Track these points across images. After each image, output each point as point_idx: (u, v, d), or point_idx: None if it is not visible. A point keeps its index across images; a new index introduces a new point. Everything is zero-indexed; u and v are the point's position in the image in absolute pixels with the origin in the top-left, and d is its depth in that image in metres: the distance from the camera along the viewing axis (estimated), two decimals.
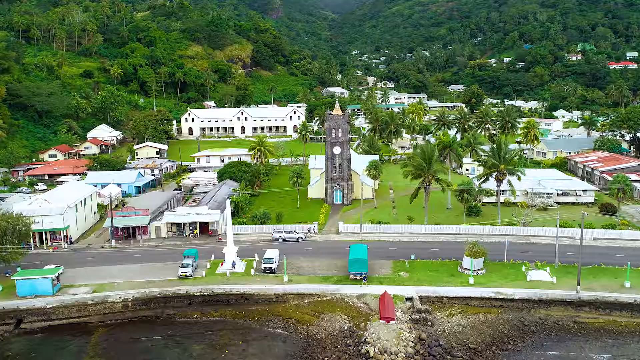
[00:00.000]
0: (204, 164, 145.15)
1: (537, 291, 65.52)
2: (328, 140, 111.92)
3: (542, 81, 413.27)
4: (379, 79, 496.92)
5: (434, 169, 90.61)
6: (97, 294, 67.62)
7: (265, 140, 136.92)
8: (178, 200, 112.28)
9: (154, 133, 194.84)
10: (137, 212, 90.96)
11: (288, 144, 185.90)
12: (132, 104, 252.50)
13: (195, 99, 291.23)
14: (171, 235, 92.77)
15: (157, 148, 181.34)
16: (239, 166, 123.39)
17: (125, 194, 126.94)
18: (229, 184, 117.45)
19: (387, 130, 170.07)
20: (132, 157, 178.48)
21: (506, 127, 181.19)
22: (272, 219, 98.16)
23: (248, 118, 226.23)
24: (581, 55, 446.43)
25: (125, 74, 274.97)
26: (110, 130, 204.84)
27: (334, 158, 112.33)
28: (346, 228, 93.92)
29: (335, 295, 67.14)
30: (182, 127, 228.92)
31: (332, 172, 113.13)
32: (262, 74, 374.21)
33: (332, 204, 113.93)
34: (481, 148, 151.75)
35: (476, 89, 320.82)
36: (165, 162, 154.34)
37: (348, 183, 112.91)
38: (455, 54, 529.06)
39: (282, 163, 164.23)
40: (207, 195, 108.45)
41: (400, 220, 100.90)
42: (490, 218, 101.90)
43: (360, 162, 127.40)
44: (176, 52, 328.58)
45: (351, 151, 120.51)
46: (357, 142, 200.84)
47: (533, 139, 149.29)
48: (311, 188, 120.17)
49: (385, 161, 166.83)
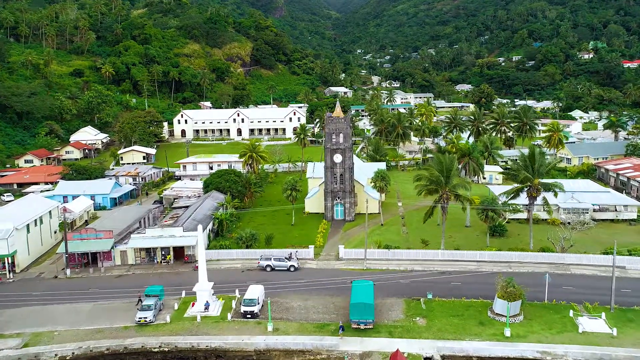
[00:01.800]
0: (191, 171, 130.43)
1: (595, 350, 50.33)
2: (327, 146, 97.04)
3: (554, 80, 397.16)
4: (384, 79, 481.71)
5: (453, 183, 75.50)
6: (27, 349, 53.00)
7: (258, 146, 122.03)
8: (155, 216, 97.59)
9: (142, 136, 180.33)
10: (98, 234, 76.26)
11: (287, 147, 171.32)
12: (124, 104, 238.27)
13: (191, 99, 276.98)
14: (140, 262, 78.00)
15: (144, 153, 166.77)
16: (227, 175, 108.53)
17: (98, 207, 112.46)
18: (215, 196, 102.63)
19: (394, 133, 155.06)
20: (116, 163, 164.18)
21: (523, 130, 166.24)
22: (261, 240, 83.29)
23: (245, 119, 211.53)
24: (593, 53, 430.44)
25: (118, 73, 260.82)
26: (96, 133, 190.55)
27: (335, 167, 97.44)
28: (348, 254, 78.91)
29: (332, 353, 52.26)
30: (175, 129, 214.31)
31: (332, 183, 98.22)
32: (263, 73, 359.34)
33: (332, 220, 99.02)
34: (498, 153, 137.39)
35: (486, 88, 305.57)
36: (148, 169, 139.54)
37: (351, 196, 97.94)
38: (462, 52, 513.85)
39: (278, 170, 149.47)
40: (187, 210, 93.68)
41: (412, 240, 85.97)
42: (517, 238, 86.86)
43: (364, 171, 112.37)
44: (172, 51, 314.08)
45: (354, 157, 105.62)
46: (361, 146, 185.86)
47: (557, 144, 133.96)
48: (308, 201, 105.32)
49: (392, 167, 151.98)
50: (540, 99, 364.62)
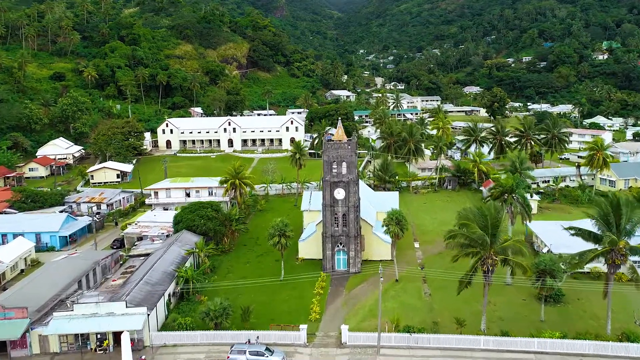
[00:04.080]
0: (164, 199, 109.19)
1: None
2: (326, 179, 75.73)
3: (568, 82, 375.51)
4: (388, 80, 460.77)
5: (501, 244, 54.12)
6: None
7: (242, 170, 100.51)
8: (107, 268, 76.35)
9: (118, 150, 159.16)
10: (7, 313, 55.07)
11: (283, 161, 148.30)
12: (105, 111, 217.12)
13: (181, 105, 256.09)
14: (67, 349, 56.81)
15: (118, 170, 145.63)
16: (203, 210, 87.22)
17: (45, 248, 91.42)
18: (185, 240, 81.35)
19: (405, 148, 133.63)
20: (85, 183, 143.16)
21: (553, 144, 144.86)
22: (235, 314, 61.91)
23: (236, 129, 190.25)
24: (608, 54, 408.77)
25: (102, 76, 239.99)
26: (68, 146, 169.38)
27: (336, 205, 76.18)
28: (354, 338, 57.43)
29: None
30: (159, 139, 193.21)
31: (332, 225, 76.93)
32: (260, 76, 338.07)
33: (332, 271, 77.78)
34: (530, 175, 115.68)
35: (499, 92, 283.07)
36: (116, 193, 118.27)
37: (356, 242, 76.62)
38: (469, 53, 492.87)
39: (270, 193, 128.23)
40: (145, 262, 72.36)
41: (439, 310, 64.74)
42: (578, 305, 65.54)
43: (371, 200, 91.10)
44: (163, 52, 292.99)
45: (360, 182, 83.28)
46: (366, 159, 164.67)
47: (602, 165, 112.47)
48: (303, 244, 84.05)
49: (403, 189, 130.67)
50: (555, 102, 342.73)
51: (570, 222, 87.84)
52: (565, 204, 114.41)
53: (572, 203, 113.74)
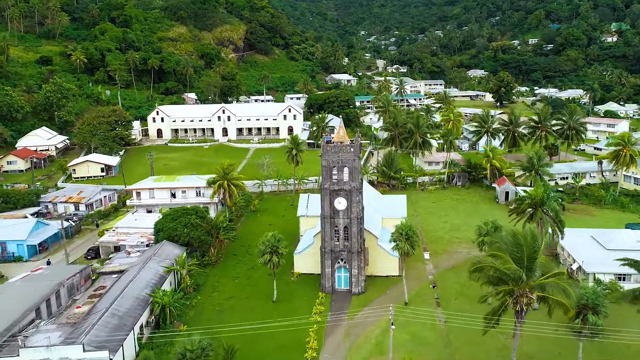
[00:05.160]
0: (147, 200, 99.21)
1: None
2: (325, 186, 65.72)
3: (576, 66, 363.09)
4: (389, 63, 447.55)
5: (537, 278, 44.37)
6: None
7: (231, 170, 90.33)
8: (74, 289, 66.67)
9: (104, 141, 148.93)
10: None
11: (279, 153, 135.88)
12: (94, 97, 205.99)
13: (175, 90, 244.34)
14: None
15: (102, 164, 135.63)
16: (186, 218, 77.36)
17: (12, 258, 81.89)
18: (164, 253, 71.63)
19: (412, 141, 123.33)
20: (67, 178, 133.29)
21: (569, 135, 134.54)
22: (219, 355, 52.35)
23: (231, 117, 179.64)
24: (617, 36, 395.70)
25: (91, 60, 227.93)
26: (50, 136, 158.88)
27: (336, 217, 66.32)
28: None
29: None
30: (149, 128, 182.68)
31: (332, 239, 67.20)
32: (257, 59, 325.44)
33: (332, 292, 68.24)
34: (548, 172, 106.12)
35: (506, 76, 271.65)
36: (96, 191, 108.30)
37: (359, 258, 66.91)
38: (473, 34, 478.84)
39: (264, 190, 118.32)
40: (115, 286, 62.68)
41: (456, 344, 55.29)
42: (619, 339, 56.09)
43: (375, 206, 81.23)
44: (156, 34, 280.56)
45: (364, 183, 72.48)
46: (369, 150, 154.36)
47: (629, 162, 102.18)
48: (299, 257, 74.41)
49: (409, 185, 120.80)
50: (563, 87, 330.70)
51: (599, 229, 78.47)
52: (587, 204, 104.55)
53: (594, 203, 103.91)
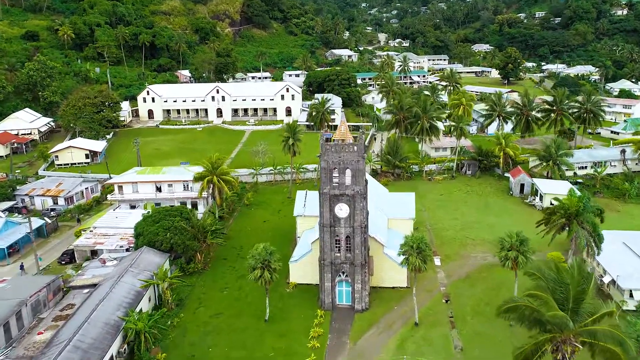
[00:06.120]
0: (130, 194, 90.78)
1: None
2: (324, 191, 57.24)
3: (585, 40, 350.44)
4: (391, 36, 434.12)
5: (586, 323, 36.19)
6: None
7: (221, 164, 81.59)
8: (40, 304, 58.75)
9: (88, 124, 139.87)
10: None
11: (277, 137, 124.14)
12: (82, 75, 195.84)
13: (168, 67, 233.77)
14: None
15: (87, 150, 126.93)
16: (169, 220, 69.06)
17: None
18: (143, 262, 63.46)
19: (418, 126, 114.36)
20: (49, 165, 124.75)
21: (587, 119, 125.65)
22: None
23: (226, 97, 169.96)
24: (627, 9, 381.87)
25: (79, 35, 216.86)
26: (34, 118, 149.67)
27: (337, 225, 58.04)
28: None
29: None
30: (140, 109, 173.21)
31: (332, 251, 59.08)
32: (255, 34, 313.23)
33: (332, 309, 60.42)
34: (568, 162, 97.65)
35: (513, 52, 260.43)
36: (76, 183, 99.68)
37: (363, 272, 58.83)
38: (477, 7, 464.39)
39: (259, 180, 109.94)
40: (83, 306, 54.74)
41: None
42: None
43: (381, 204, 72.81)
44: (148, 8, 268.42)
45: (367, 176, 62.64)
46: (371, 133, 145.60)
47: None
48: (295, 266, 66.33)
49: (415, 174, 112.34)
50: (572, 63, 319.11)
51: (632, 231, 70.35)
52: (609, 197, 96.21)
53: (617, 197, 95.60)
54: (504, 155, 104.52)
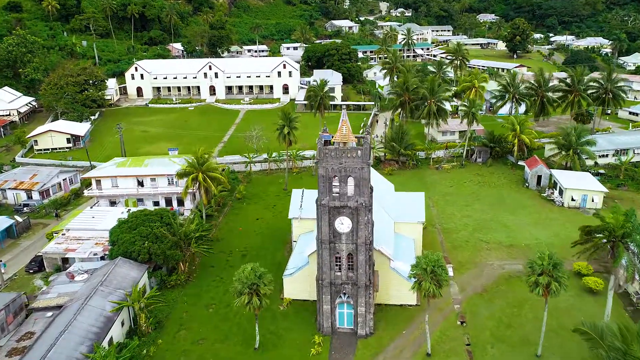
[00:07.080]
0: (109, 189, 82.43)
1: None
2: (323, 202, 48.95)
3: (595, 10, 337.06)
4: (393, 5, 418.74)
5: None
6: None
7: (207, 159, 72.98)
8: None
9: (71, 105, 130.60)
10: None
11: (272, 118, 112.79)
12: (68, 49, 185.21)
13: (160, 40, 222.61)
14: None
15: (68, 134, 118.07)
16: (147, 227, 60.93)
17: None
18: (117, 278, 55.59)
19: (425, 109, 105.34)
20: (28, 150, 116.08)
21: (606, 100, 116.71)
22: None
23: (219, 74, 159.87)
24: None
25: (65, 6, 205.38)
26: (14, 98, 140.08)
27: (338, 242, 49.96)
28: None
29: None
30: (128, 86, 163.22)
31: (332, 270, 51.18)
32: (251, 3, 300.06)
33: (332, 333, 52.94)
34: (590, 152, 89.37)
35: (521, 23, 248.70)
36: (52, 174, 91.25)
37: (367, 293, 51.04)
38: None
39: (252, 168, 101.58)
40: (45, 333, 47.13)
41: None
42: None
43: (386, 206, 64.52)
44: None
45: (371, 170, 53.28)
46: (373, 113, 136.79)
47: None
48: (289, 280, 58.51)
49: (422, 162, 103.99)
50: (581, 34, 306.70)
51: None
52: (634, 190, 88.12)
53: None
54: (518, 142, 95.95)
